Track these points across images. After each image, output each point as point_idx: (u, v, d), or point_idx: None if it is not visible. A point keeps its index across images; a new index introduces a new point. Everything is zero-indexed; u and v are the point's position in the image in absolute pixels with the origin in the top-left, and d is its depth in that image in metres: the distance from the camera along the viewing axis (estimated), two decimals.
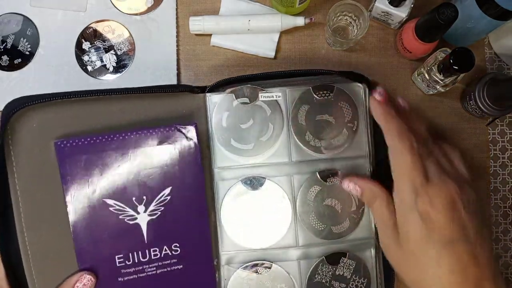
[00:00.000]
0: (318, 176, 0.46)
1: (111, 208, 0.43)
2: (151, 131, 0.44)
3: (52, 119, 0.42)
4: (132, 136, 0.43)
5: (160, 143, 0.44)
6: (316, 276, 0.47)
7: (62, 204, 0.42)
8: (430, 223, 0.35)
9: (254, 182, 0.47)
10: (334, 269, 0.46)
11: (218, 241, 0.47)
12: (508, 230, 0.53)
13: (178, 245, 0.45)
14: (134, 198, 0.43)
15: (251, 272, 0.46)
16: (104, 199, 0.43)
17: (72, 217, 0.42)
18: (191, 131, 0.45)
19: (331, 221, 0.47)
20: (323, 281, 0.46)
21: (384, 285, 0.48)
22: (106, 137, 0.43)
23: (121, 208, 0.43)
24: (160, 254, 0.44)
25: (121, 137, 0.43)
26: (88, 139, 0.42)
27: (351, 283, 0.46)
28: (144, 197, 0.44)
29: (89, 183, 0.42)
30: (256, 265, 0.47)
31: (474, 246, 0.35)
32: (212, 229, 0.47)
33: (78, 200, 0.42)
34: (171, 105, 0.45)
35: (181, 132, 0.44)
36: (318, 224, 0.47)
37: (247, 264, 0.47)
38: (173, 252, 0.45)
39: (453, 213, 0.35)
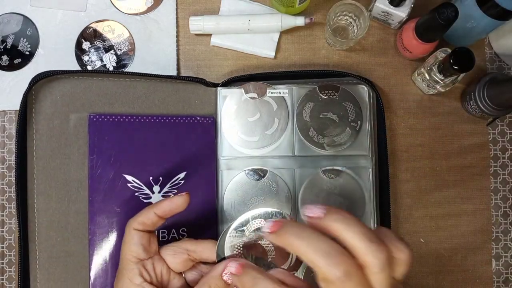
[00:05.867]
0: (321, 173, 0.47)
1: (129, 184, 0.45)
2: (174, 118, 0.47)
3: (75, 94, 0.45)
4: (157, 121, 0.47)
5: (182, 130, 0.47)
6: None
7: (74, 175, 0.44)
8: None
9: (257, 173, 0.48)
10: None
11: (220, 230, 0.48)
12: (508, 230, 0.53)
13: (185, 229, 0.47)
14: (151, 178, 0.46)
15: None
16: (124, 174, 0.45)
17: (91, 188, 0.44)
18: (209, 124, 0.49)
19: None
20: None
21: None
22: (134, 118, 0.46)
23: (138, 186, 0.45)
24: (168, 237, 0.46)
25: (148, 120, 0.46)
26: (119, 117, 0.46)
27: None
28: (161, 178, 0.46)
29: (113, 157, 0.45)
30: None
31: None
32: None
33: (100, 172, 0.44)
34: (185, 95, 0.48)
35: (200, 123, 0.48)
36: None
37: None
38: (180, 236, 0.46)
39: None
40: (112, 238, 0.44)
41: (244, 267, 0.32)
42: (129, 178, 0.45)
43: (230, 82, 0.50)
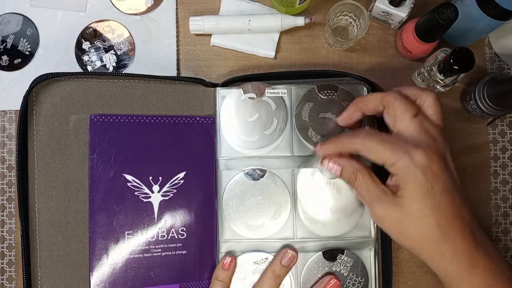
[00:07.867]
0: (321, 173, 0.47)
1: (128, 184, 0.46)
2: (174, 118, 0.47)
3: (75, 96, 0.46)
4: (157, 121, 0.47)
5: (181, 130, 0.47)
6: (312, 270, 0.47)
7: (73, 176, 0.45)
8: (432, 176, 0.37)
9: (256, 173, 0.48)
10: (330, 265, 0.47)
11: (219, 230, 0.48)
12: (508, 230, 0.53)
13: (184, 229, 0.47)
14: (151, 177, 0.46)
15: (248, 261, 0.47)
16: (124, 174, 0.45)
17: (91, 187, 0.45)
18: (209, 124, 0.49)
19: (331, 219, 0.47)
20: (319, 275, 0.47)
21: (382, 287, 0.48)
22: (135, 118, 0.46)
23: (138, 185, 0.46)
24: (167, 236, 0.46)
25: (148, 120, 0.47)
26: (119, 117, 0.46)
27: (348, 281, 0.47)
28: (160, 178, 0.46)
29: (113, 157, 0.45)
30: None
31: (460, 192, 0.38)
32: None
33: (100, 171, 0.45)
34: (184, 95, 0.49)
35: (200, 124, 0.48)
36: (318, 221, 0.47)
37: (245, 254, 0.48)
38: (179, 236, 0.47)
39: (445, 163, 0.38)
40: (112, 236, 0.45)
41: None
42: (128, 177, 0.46)
43: (230, 82, 0.50)
